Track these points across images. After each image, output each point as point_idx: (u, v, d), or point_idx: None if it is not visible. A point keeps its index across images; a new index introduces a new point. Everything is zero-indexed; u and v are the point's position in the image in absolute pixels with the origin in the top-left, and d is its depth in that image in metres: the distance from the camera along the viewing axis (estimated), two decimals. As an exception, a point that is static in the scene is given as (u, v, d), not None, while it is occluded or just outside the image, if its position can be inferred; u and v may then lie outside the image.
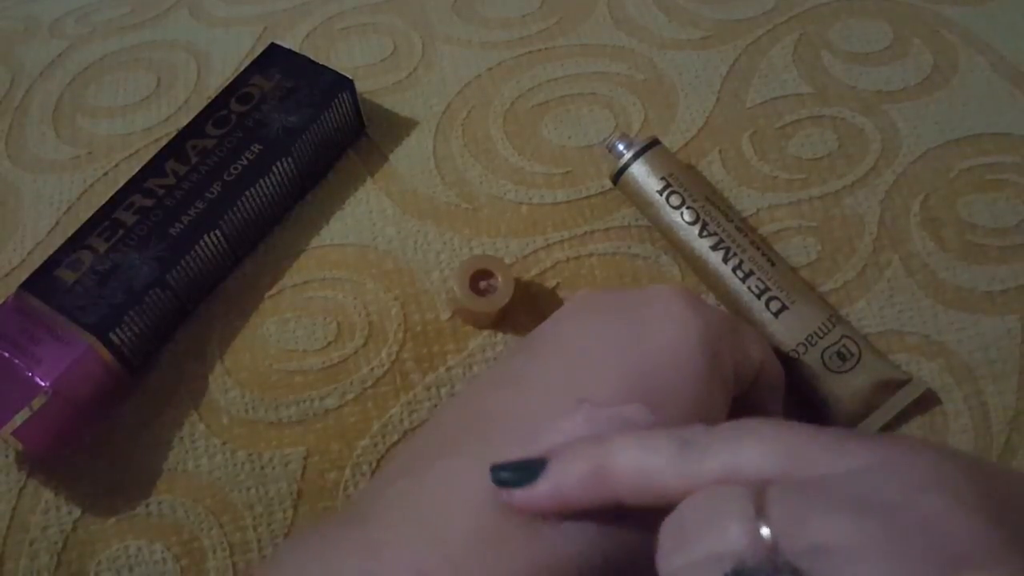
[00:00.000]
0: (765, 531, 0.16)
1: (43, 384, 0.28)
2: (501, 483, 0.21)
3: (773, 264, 0.31)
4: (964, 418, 0.31)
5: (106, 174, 0.35)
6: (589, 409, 0.23)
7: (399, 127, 0.36)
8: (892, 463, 0.17)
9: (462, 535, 0.21)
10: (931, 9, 0.38)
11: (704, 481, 0.18)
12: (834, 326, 0.30)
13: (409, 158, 0.35)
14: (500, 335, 0.31)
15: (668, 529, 0.18)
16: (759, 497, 0.17)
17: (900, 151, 0.34)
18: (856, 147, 0.34)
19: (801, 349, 0.30)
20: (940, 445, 0.27)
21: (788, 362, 0.30)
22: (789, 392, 0.30)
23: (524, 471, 0.21)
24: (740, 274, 0.30)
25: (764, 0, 0.39)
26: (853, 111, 0.35)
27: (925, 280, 0.32)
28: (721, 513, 0.17)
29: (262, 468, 0.30)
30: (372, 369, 0.31)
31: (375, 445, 0.30)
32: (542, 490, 0.21)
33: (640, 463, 0.20)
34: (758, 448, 0.18)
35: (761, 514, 0.17)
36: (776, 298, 0.30)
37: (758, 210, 0.33)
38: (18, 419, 0.27)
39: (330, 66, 0.34)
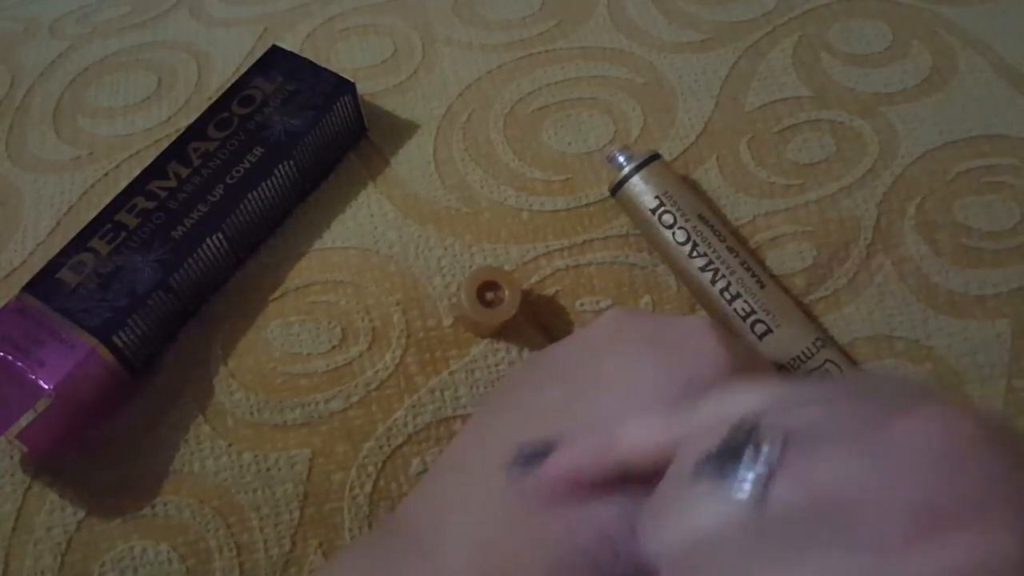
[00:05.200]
0: (745, 425, 0.18)
1: (47, 387, 0.28)
2: (519, 466, 0.23)
3: (762, 286, 0.31)
4: (955, 421, 0.31)
5: (107, 175, 0.35)
6: None
7: (400, 130, 0.36)
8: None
9: (535, 570, 0.22)
10: (930, 10, 0.38)
11: (697, 426, 0.20)
12: (819, 350, 0.31)
13: (410, 161, 0.35)
14: (502, 343, 0.32)
15: (671, 467, 0.20)
16: (746, 417, 0.19)
17: (898, 153, 0.35)
18: (853, 150, 0.35)
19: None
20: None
21: None
22: None
23: (538, 453, 0.23)
24: (727, 296, 0.31)
25: (764, 1, 0.39)
26: (851, 114, 0.35)
27: (917, 284, 0.32)
28: (711, 431, 0.19)
29: (268, 470, 0.30)
30: (376, 372, 0.31)
31: (380, 447, 0.30)
32: (556, 463, 0.23)
33: (640, 430, 0.22)
34: (744, 393, 0.20)
35: (745, 422, 0.19)
36: (761, 321, 0.31)
37: (754, 217, 0.34)
38: (22, 422, 0.28)
39: (330, 67, 0.34)
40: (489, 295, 0.30)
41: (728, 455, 0.18)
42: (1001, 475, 0.16)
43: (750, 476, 0.17)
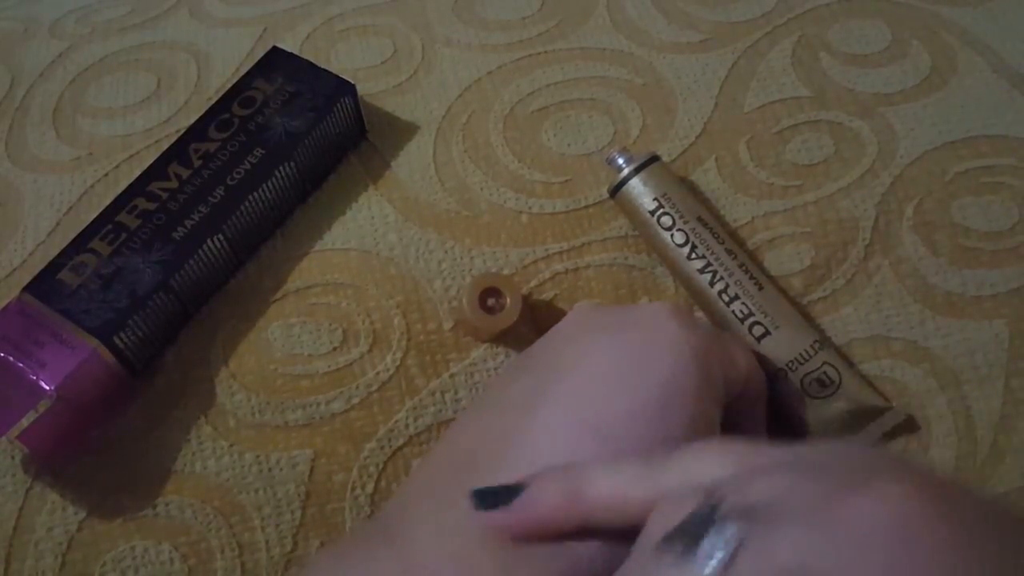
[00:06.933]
0: (711, 500, 0.19)
1: (48, 388, 0.28)
2: (479, 505, 0.23)
3: (761, 288, 0.31)
4: (947, 422, 0.31)
5: (106, 175, 0.35)
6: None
7: (400, 131, 0.36)
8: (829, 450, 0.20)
9: (490, 554, 0.23)
10: (930, 10, 0.38)
11: (665, 492, 0.20)
12: (816, 352, 0.31)
13: (410, 163, 0.35)
14: (501, 347, 0.32)
15: (640, 536, 0.20)
16: (712, 489, 0.19)
17: (896, 154, 0.35)
18: (852, 151, 0.35)
19: (781, 375, 0.31)
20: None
21: (768, 386, 0.31)
22: (769, 416, 0.30)
23: (502, 495, 0.23)
24: (725, 298, 0.31)
25: (763, 1, 0.39)
26: (850, 115, 0.35)
27: (915, 285, 0.33)
28: (678, 503, 0.19)
29: (270, 470, 0.30)
30: (377, 374, 0.31)
31: (381, 448, 0.31)
32: (517, 511, 0.22)
33: (609, 484, 0.22)
34: (711, 459, 0.21)
35: (712, 496, 0.19)
36: (759, 323, 0.31)
37: (753, 218, 0.34)
38: (24, 423, 0.28)
39: (330, 68, 0.34)
40: (491, 301, 0.31)
41: (693, 532, 0.18)
42: (945, 561, 0.16)
43: (714, 555, 0.17)
